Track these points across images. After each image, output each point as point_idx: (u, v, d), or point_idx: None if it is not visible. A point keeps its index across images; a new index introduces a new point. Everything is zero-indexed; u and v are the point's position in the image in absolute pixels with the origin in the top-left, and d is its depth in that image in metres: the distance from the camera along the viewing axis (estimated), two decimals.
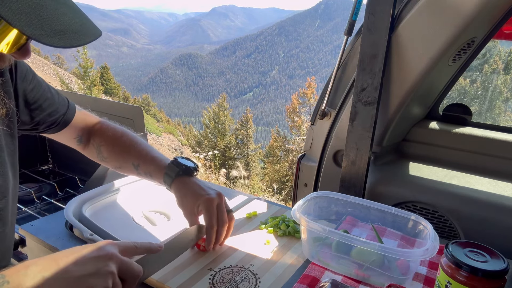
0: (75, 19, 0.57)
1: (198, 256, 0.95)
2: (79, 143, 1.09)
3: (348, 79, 1.43)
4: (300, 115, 21.78)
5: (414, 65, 1.24)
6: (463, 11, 1.11)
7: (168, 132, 26.27)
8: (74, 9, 0.58)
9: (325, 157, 1.54)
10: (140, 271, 0.69)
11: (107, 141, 1.07)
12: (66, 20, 0.55)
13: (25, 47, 0.61)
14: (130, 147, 1.05)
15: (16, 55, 0.62)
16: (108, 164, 1.09)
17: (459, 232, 1.31)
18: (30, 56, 0.64)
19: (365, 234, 1.02)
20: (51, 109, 0.97)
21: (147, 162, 1.02)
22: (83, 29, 0.57)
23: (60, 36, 0.53)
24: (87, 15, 0.61)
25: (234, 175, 10.71)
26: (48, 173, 2.10)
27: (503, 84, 8.83)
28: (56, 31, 0.53)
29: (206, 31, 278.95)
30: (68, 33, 0.54)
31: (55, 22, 0.53)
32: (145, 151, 1.04)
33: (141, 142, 1.06)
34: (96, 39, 0.58)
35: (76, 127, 1.05)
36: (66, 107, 1.01)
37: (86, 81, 24.03)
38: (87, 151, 1.11)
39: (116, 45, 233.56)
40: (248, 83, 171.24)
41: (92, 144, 1.08)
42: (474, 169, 1.42)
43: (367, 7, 1.24)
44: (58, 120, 0.99)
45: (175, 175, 0.97)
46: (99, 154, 1.08)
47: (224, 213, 0.95)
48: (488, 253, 0.71)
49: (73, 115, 1.03)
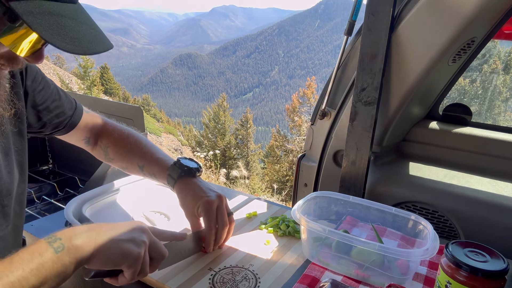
0: (90, 29, 0.61)
1: (198, 256, 0.95)
2: (87, 145, 1.10)
3: (348, 79, 1.43)
4: (300, 115, 21.79)
5: (414, 65, 1.24)
6: (463, 11, 1.11)
7: (168, 132, 26.27)
8: (89, 20, 0.62)
9: (325, 157, 1.54)
10: (166, 253, 0.77)
11: (113, 142, 1.08)
12: (82, 29, 0.59)
13: (40, 51, 0.64)
14: (136, 148, 1.06)
15: (30, 58, 0.64)
16: (115, 164, 1.11)
17: (459, 232, 1.31)
18: (43, 61, 0.67)
19: (365, 234, 1.02)
20: (58, 110, 0.98)
21: (151, 163, 1.03)
22: (96, 39, 0.61)
23: (75, 43, 0.57)
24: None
25: (234, 175, 10.72)
26: (48, 173, 2.09)
27: (502, 84, 8.83)
28: (72, 38, 0.57)
29: (206, 31, 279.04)
30: (83, 41, 0.58)
31: (72, 30, 0.57)
32: (150, 152, 1.05)
33: (146, 143, 1.07)
34: (107, 50, 0.62)
35: (84, 129, 1.07)
36: (74, 109, 1.03)
37: (86, 81, 24.03)
38: (95, 152, 1.13)
39: (116, 45, 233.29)
40: (248, 83, 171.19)
41: (99, 145, 1.10)
42: (474, 169, 1.42)
43: (367, 7, 1.24)
44: (64, 122, 1.01)
45: (177, 177, 0.98)
46: (106, 156, 1.10)
47: (224, 215, 0.95)
48: (488, 253, 0.71)
49: (80, 117, 1.04)
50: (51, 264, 0.60)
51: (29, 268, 0.58)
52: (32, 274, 0.58)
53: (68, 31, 0.57)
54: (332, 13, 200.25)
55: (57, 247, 0.62)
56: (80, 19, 0.60)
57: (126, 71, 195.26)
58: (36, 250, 0.60)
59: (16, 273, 0.56)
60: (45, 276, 0.59)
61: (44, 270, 0.59)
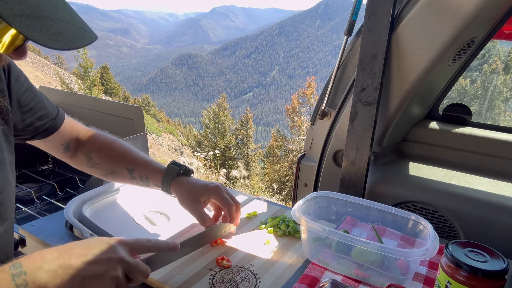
0: (73, 22, 0.59)
1: (198, 256, 0.95)
2: (65, 151, 1.07)
3: (348, 79, 1.43)
4: (300, 115, 21.77)
5: (414, 65, 1.24)
6: (463, 11, 1.11)
7: (168, 132, 26.28)
8: (72, 13, 0.60)
9: (325, 157, 1.54)
10: (147, 271, 0.71)
11: (98, 147, 1.06)
12: (64, 24, 0.57)
13: (22, 47, 0.63)
14: (124, 152, 1.06)
15: (13, 55, 0.63)
16: (98, 170, 1.08)
17: (459, 232, 1.31)
18: (26, 56, 0.65)
19: (365, 234, 1.02)
20: (42, 112, 0.97)
21: (142, 165, 1.04)
22: (80, 32, 0.59)
23: (58, 39, 0.55)
24: (87, 15, 0.65)
25: (234, 175, 10.72)
26: (48, 173, 2.09)
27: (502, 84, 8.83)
28: (54, 33, 0.55)
29: (206, 31, 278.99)
30: (66, 36, 0.56)
31: (54, 25, 0.55)
32: (139, 156, 1.06)
33: (133, 149, 1.08)
34: (92, 42, 0.60)
35: (64, 133, 1.04)
36: (56, 113, 1.01)
37: (86, 81, 24.02)
38: (74, 159, 1.09)
39: (116, 45, 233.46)
40: (248, 83, 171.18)
41: (80, 151, 1.08)
42: (474, 169, 1.42)
43: (367, 7, 1.24)
44: (47, 124, 0.99)
45: (176, 174, 1.00)
46: (89, 161, 1.07)
47: (233, 196, 1.03)
48: (488, 253, 0.71)
49: (62, 120, 1.03)
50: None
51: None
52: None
53: (50, 26, 0.55)
54: (332, 13, 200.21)
55: (19, 284, 0.57)
56: (61, 13, 0.57)
57: (126, 71, 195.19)
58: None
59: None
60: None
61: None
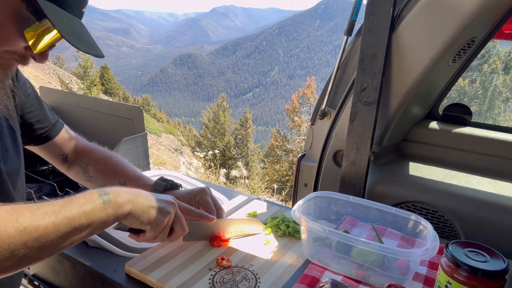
0: (91, 36, 0.75)
1: (198, 256, 0.95)
2: (63, 162, 1.11)
3: (348, 79, 1.43)
4: (300, 115, 21.77)
5: (414, 65, 1.24)
6: (463, 11, 1.11)
7: (168, 132, 26.26)
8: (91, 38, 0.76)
9: (325, 157, 1.54)
10: (186, 229, 0.88)
11: (95, 161, 1.10)
12: (87, 35, 0.72)
13: (47, 51, 0.74)
14: (118, 167, 1.10)
15: (39, 57, 0.73)
16: (92, 184, 1.12)
17: (459, 232, 1.31)
18: (47, 61, 0.77)
19: (365, 234, 1.02)
20: (42, 116, 1.01)
21: (133, 180, 1.08)
22: (96, 44, 0.75)
23: (85, 44, 0.70)
24: (87, 15, 0.71)
25: (234, 175, 10.71)
26: (48, 173, 2.09)
27: (502, 84, 8.83)
28: (81, 40, 0.69)
29: (206, 31, 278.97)
30: (89, 44, 0.71)
31: (81, 34, 0.70)
32: (132, 171, 1.11)
33: (128, 164, 1.13)
34: (103, 57, 0.76)
35: (64, 144, 1.08)
36: (56, 120, 1.06)
37: (86, 81, 24.00)
38: (71, 171, 1.13)
39: (116, 45, 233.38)
40: (248, 83, 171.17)
41: (78, 163, 1.11)
42: (474, 169, 1.42)
43: (367, 7, 1.24)
44: (46, 130, 1.03)
45: (163, 189, 1.05)
46: (84, 173, 1.11)
47: (217, 201, 1.07)
48: (488, 253, 0.71)
49: (60, 129, 1.07)
50: (98, 211, 0.71)
51: (83, 210, 0.69)
52: (84, 215, 0.68)
53: (79, 34, 0.69)
54: (332, 13, 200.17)
55: (105, 200, 0.73)
56: (84, 29, 0.72)
57: (126, 71, 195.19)
58: (90, 197, 0.72)
59: (73, 211, 0.67)
60: (92, 220, 0.70)
61: (92, 215, 0.70)
